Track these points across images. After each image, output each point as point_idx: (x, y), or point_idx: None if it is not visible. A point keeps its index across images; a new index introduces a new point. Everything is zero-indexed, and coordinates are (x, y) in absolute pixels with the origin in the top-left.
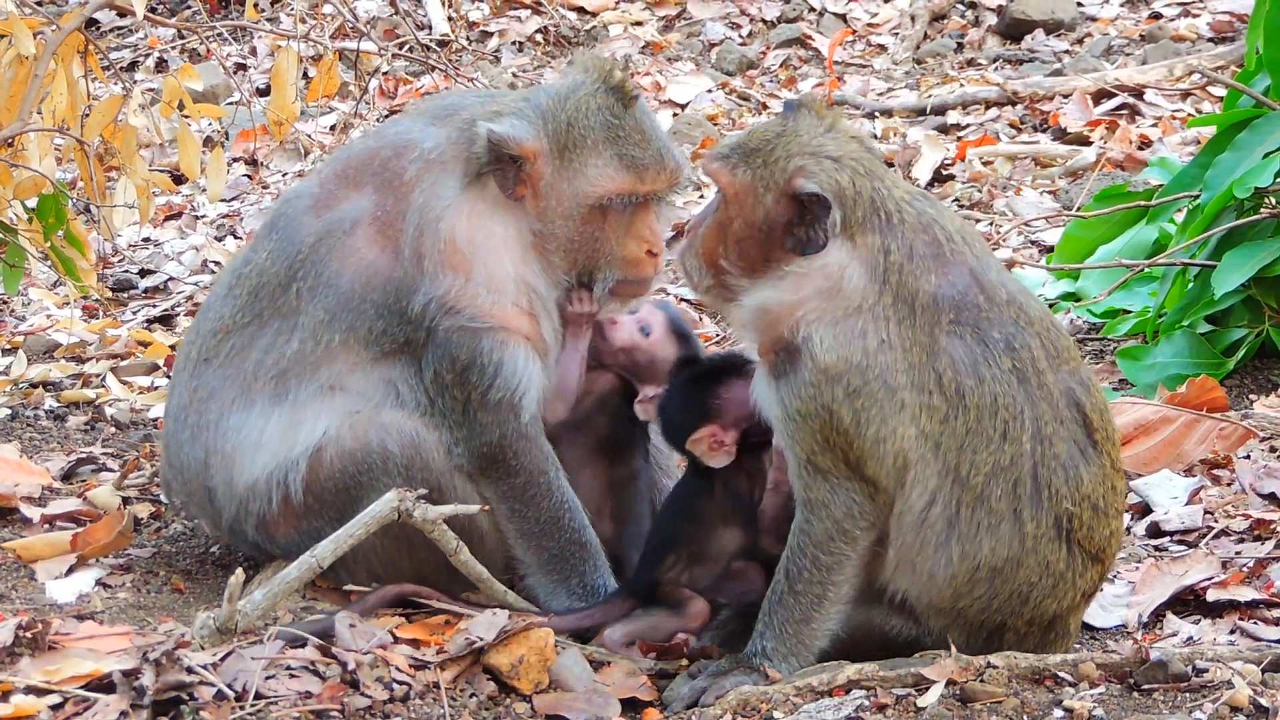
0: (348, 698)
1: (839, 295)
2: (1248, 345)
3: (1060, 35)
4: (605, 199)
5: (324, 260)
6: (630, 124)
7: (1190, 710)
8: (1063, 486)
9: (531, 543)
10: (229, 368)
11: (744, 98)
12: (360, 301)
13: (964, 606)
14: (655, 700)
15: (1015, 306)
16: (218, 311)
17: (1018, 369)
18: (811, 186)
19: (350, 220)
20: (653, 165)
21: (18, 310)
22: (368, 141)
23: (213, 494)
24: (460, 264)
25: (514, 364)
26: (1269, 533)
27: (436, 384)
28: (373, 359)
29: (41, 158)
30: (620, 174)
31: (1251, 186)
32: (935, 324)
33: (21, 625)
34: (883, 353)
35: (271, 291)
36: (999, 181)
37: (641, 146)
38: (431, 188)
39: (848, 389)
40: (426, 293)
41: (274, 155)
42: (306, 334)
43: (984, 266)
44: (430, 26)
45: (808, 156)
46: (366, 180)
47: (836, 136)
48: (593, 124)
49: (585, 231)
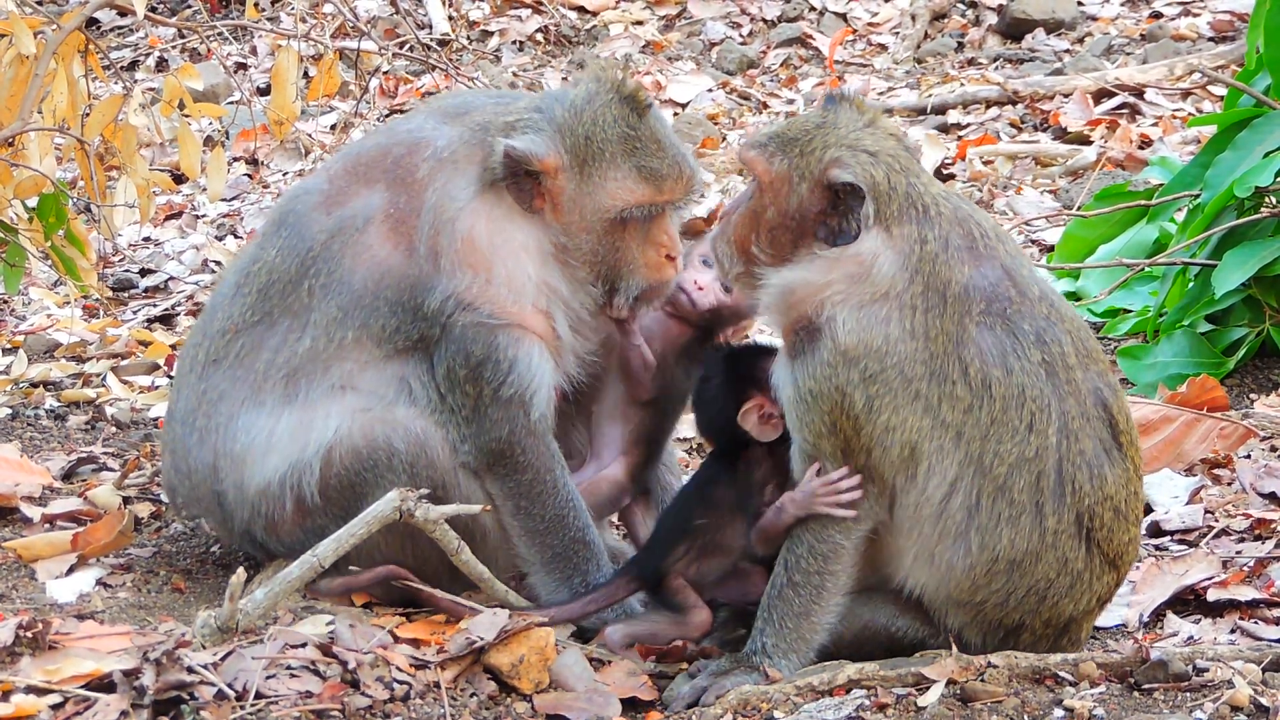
0: (348, 697)
1: (867, 280)
2: (1248, 344)
3: (1061, 34)
4: (626, 211)
5: (336, 257)
6: (646, 134)
7: (1191, 710)
8: (1086, 484)
9: (535, 541)
10: (239, 368)
11: (744, 97)
12: (374, 299)
13: (982, 600)
14: (655, 700)
15: (1047, 303)
16: (225, 311)
17: (1047, 362)
18: (846, 176)
19: (363, 217)
20: (670, 175)
21: (18, 310)
22: (378, 138)
23: (223, 498)
24: (480, 263)
25: (528, 361)
26: (1269, 532)
27: (449, 380)
28: (385, 356)
29: (42, 157)
30: (640, 186)
31: (1252, 186)
32: (966, 314)
33: (22, 625)
34: (904, 342)
35: (282, 289)
36: (999, 181)
37: (659, 157)
38: (444, 187)
39: (864, 373)
40: (444, 290)
41: (274, 155)
42: (319, 331)
43: (1016, 263)
44: (431, 26)
45: (844, 148)
46: (378, 177)
47: (875, 132)
48: (610, 136)
49: (606, 242)
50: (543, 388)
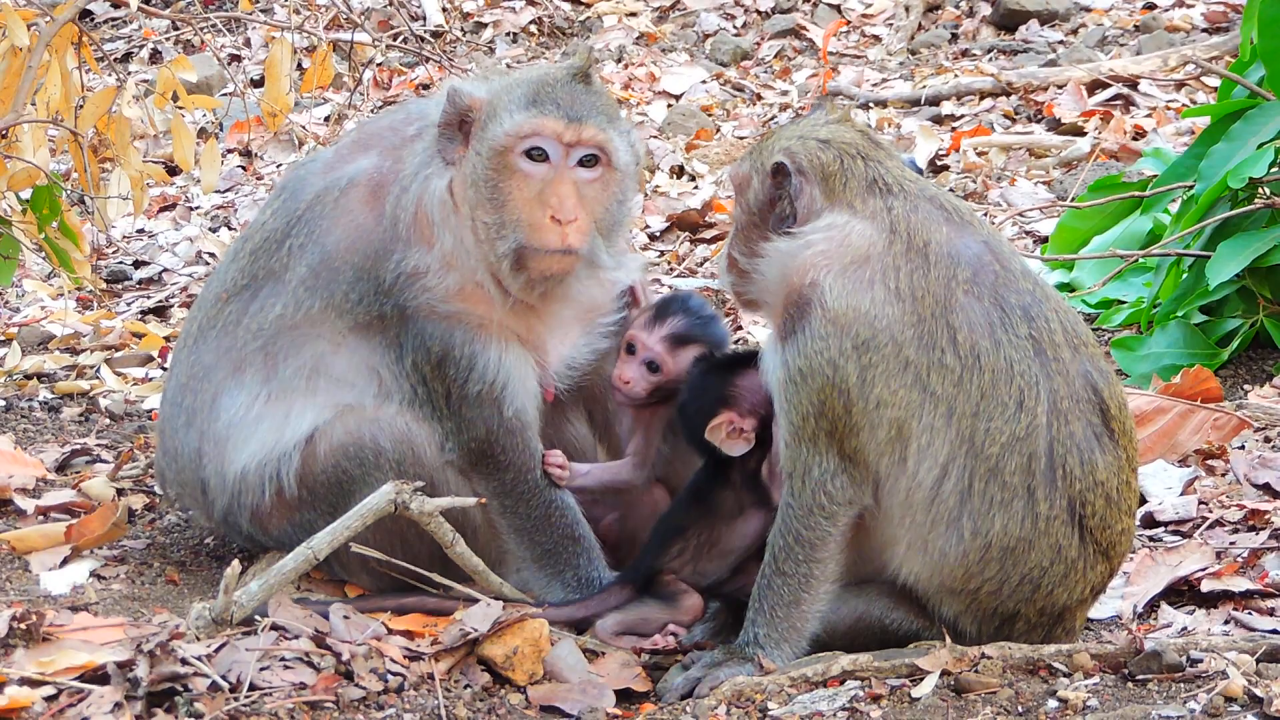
0: (342, 689)
1: (847, 244)
2: (1242, 335)
3: (1054, 25)
4: (506, 141)
5: (318, 218)
6: (562, 82)
7: (1184, 701)
8: (1077, 468)
9: (525, 538)
10: (225, 338)
11: (738, 89)
12: (342, 263)
13: (976, 588)
14: (650, 691)
15: (1031, 279)
16: (221, 277)
17: (1034, 338)
18: (778, 158)
19: (348, 179)
20: (550, 105)
21: (12, 302)
22: (393, 112)
23: (206, 485)
24: (426, 233)
25: (487, 357)
26: (1263, 523)
27: (416, 373)
28: (352, 332)
29: (35, 149)
30: (519, 113)
31: (1246, 177)
32: (953, 278)
33: (16, 617)
34: (891, 304)
35: (269, 250)
36: (993, 172)
37: (549, 90)
38: (416, 149)
39: (856, 341)
40: (398, 261)
41: (268, 146)
42: (289, 297)
43: (996, 240)
44: (424, 17)
45: (795, 139)
46: (375, 144)
47: (838, 126)
48: (528, 77)
49: (492, 185)
50: (511, 382)
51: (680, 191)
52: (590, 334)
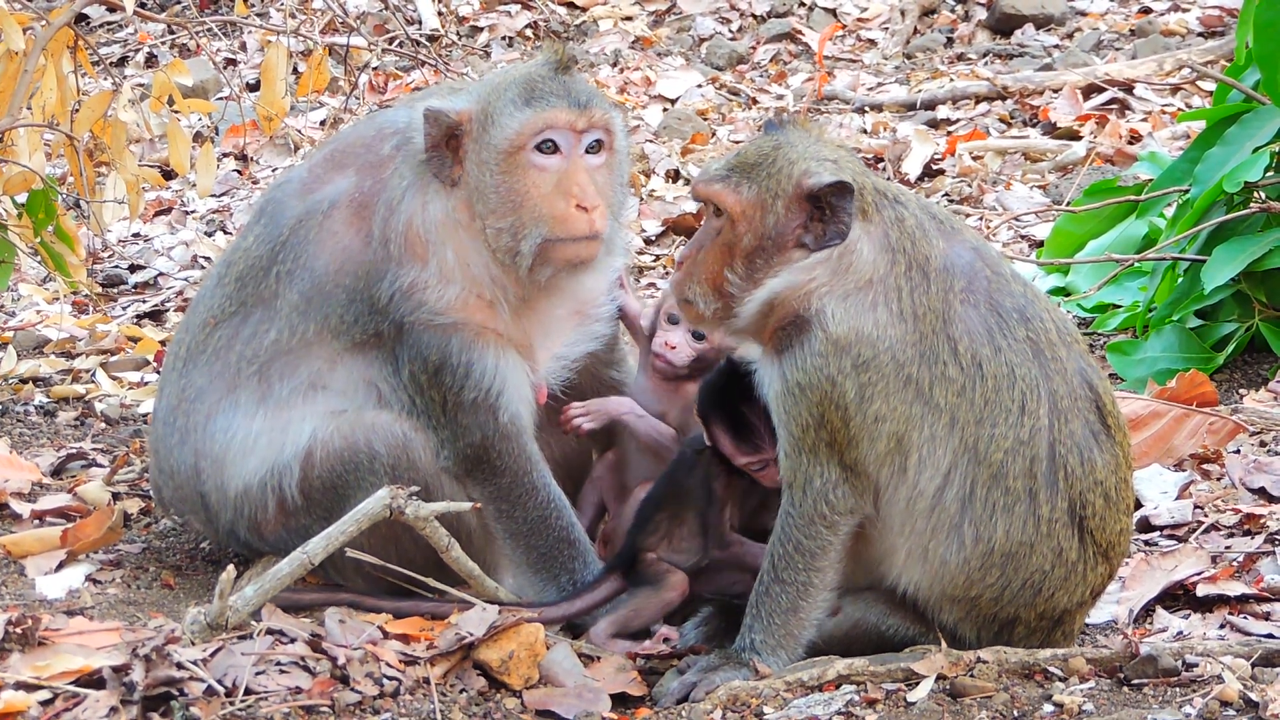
0: (338, 693)
1: (850, 270)
2: (1237, 340)
3: (1050, 30)
4: (516, 141)
5: (303, 243)
6: (549, 76)
7: (1180, 705)
8: (1077, 467)
9: (520, 542)
10: (215, 362)
11: (734, 93)
12: (334, 286)
13: (976, 595)
14: (645, 696)
15: (1021, 282)
16: (207, 303)
17: (1032, 340)
18: (828, 179)
19: (329, 201)
20: (554, 95)
21: (7, 306)
22: (360, 127)
23: (206, 499)
24: (421, 252)
25: (484, 364)
26: (1258, 527)
27: (414, 384)
28: (348, 351)
29: (31, 153)
30: (523, 110)
31: (1241, 181)
32: (949, 290)
33: (11, 621)
34: (894, 326)
35: (255, 277)
36: (989, 176)
37: (546, 83)
38: (399, 168)
39: (856, 360)
40: (391, 279)
41: (264, 150)
42: (283, 323)
43: (982, 244)
44: (420, 22)
45: (810, 160)
46: (350, 162)
47: (826, 145)
48: (514, 78)
49: (506, 188)
50: (507, 388)
51: (676, 195)
52: (582, 327)
